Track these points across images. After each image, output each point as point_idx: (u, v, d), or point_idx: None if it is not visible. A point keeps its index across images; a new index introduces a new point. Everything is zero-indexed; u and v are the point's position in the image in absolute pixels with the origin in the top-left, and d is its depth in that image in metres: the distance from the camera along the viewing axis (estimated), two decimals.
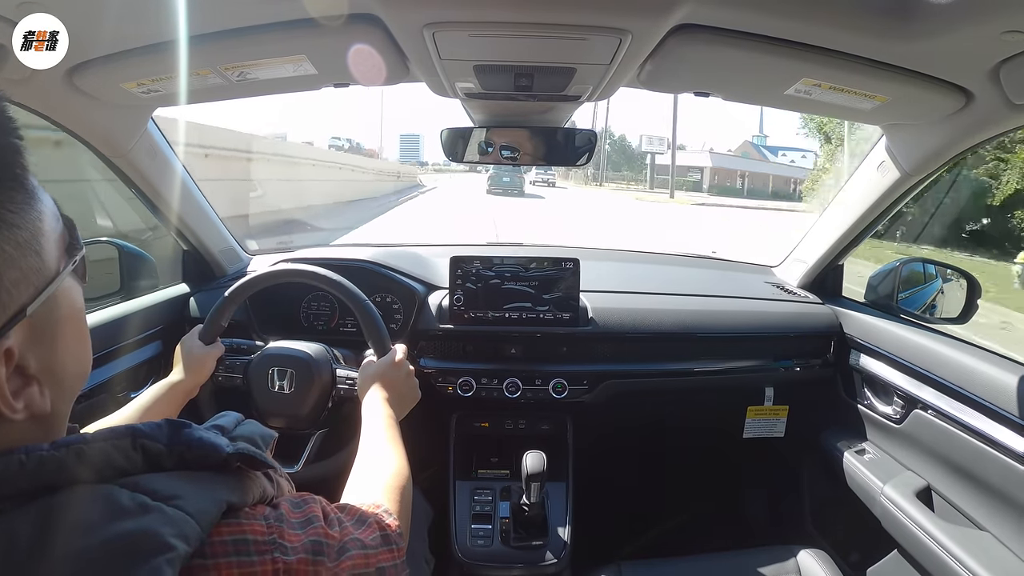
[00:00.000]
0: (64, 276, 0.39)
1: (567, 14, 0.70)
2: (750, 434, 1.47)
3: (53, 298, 0.37)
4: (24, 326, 0.35)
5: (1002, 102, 0.82)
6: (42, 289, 0.36)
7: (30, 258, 0.35)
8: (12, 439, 0.35)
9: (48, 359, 0.37)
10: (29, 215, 0.36)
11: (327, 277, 1.03)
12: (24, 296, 0.35)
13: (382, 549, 0.50)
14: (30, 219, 0.36)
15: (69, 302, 0.40)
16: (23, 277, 0.35)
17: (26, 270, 0.35)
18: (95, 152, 1.10)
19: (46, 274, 0.37)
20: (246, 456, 0.42)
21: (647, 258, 2.00)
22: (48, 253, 0.37)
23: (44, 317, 0.37)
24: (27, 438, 0.36)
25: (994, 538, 0.98)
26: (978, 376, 1.02)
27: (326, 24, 0.76)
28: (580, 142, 1.20)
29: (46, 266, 0.37)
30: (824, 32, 0.74)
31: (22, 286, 0.35)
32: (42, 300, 0.36)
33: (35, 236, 0.36)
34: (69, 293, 0.40)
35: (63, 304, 0.39)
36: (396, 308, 1.37)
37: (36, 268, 0.36)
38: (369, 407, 0.86)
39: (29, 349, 0.36)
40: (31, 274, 0.36)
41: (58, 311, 0.38)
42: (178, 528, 0.34)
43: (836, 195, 1.39)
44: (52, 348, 0.38)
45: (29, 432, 0.37)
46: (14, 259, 0.34)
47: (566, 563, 1.16)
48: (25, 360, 0.35)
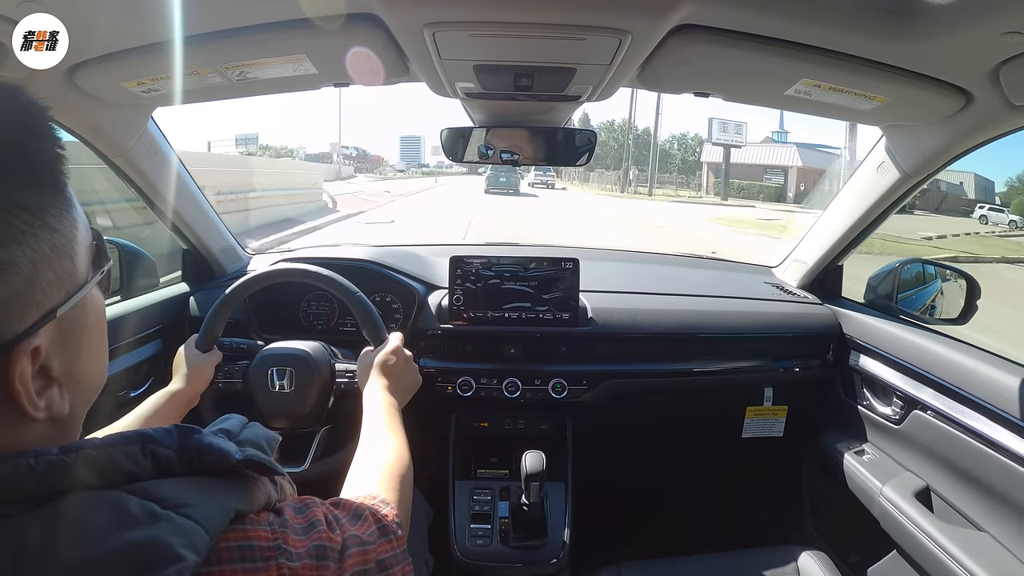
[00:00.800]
0: (93, 283, 0.40)
1: (567, 14, 0.70)
2: (749, 434, 1.47)
3: (81, 304, 0.39)
4: (52, 328, 0.36)
5: (1002, 103, 0.83)
6: (73, 293, 0.38)
7: (65, 262, 0.37)
8: (29, 440, 0.36)
9: (71, 363, 0.38)
10: (67, 221, 0.37)
11: (317, 273, 1.03)
12: (56, 298, 0.36)
13: (380, 542, 0.50)
14: (67, 225, 0.37)
15: (95, 310, 0.41)
16: (57, 280, 0.36)
17: (60, 273, 0.37)
18: (95, 151, 1.10)
19: (77, 279, 0.38)
20: (254, 463, 0.43)
21: (647, 258, 2.00)
22: (80, 260, 0.39)
23: (71, 321, 0.38)
24: (43, 441, 0.36)
25: (993, 539, 0.98)
26: (977, 377, 1.02)
27: (326, 24, 0.76)
28: (580, 142, 1.20)
29: (78, 272, 0.38)
30: (824, 33, 0.74)
31: (55, 288, 0.36)
32: (72, 304, 0.37)
33: (71, 242, 0.37)
34: (95, 301, 0.41)
35: (89, 311, 0.40)
36: (396, 308, 1.37)
37: (69, 273, 0.37)
38: (369, 397, 0.86)
39: (55, 351, 0.37)
40: (64, 278, 0.37)
41: (84, 317, 0.40)
42: (188, 538, 0.34)
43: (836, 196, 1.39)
44: (75, 353, 0.39)
45: (46, 435, 0.37)
46: (51, 261, 0.36)
47: (565, 563, 1.16)
48: (50, 361, 0.36)
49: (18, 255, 0.33)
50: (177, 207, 1.29)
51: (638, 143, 36.88)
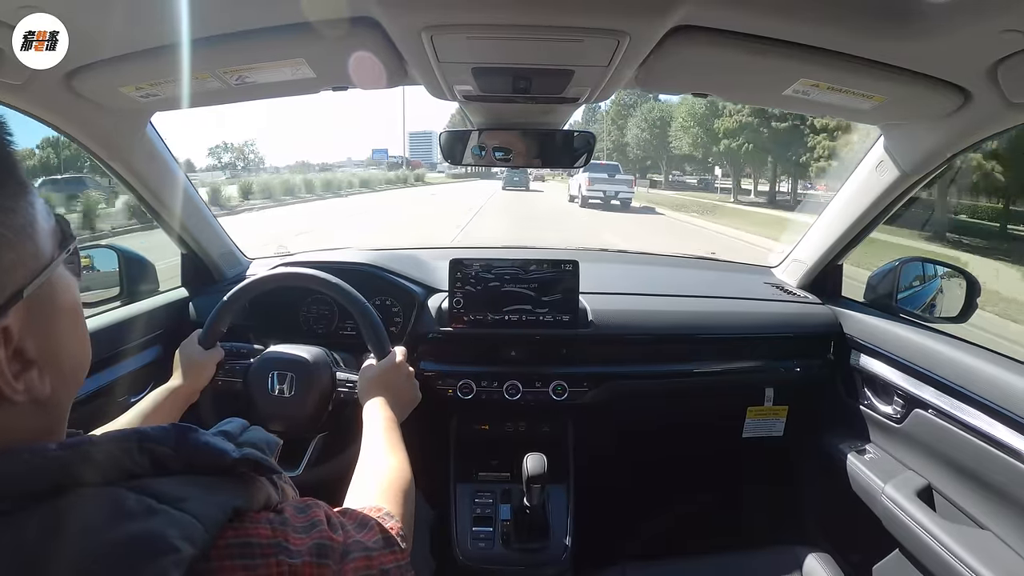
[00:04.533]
0: (59, 263, 0.40)
1: (565, 16, 0.70)
2: (749, 434, 1.47)
3: (49, 285, 0.39)
4: (22, 310, 0.36)
5: (1000, 101, 0.83)
6: (38, 273, 0.37)
7: (26, 243, 0.37)
8: (15, 425, 0.36)
9: (46, 345, 0.38)
10: (22, 203, 0.37)
11: (325, 280, 1.03)
12: (20, 279, 0.36)
13: (385, 551, 0.50)
14: (23, 206, 0.37)
15: (65, 294, 0.41)
16: (19, 260, 0.36)
17: (22, 254, 0.36)
18: (94, 156, 1.10)
19: (41, 260, 0.38)
20: (252, 461, 0.43)
21: (646, 259, 2.00)
22: (43, 241, 0.38)
23: (41, 303, 0.38)
24: (29, 425, 0.37)
25: (995, 537, 0.98)
26: (978, 375, 1.02)
27: (324, 28, 0.76)
28: (578, 144, 1.21)
29: (41, 252, 0.38)
30: (822, 32, 0.74)
31: (19, 269, 0.36)
32: (38, 284, 0.37)
33: (30, 223, 0.37)
34: (66, 285, 0.41)
35: (59, 294, 0.40)
36: (396, 311, 1.37)
37: (32, 253, 0.37)
38: (370, 410, 0.86)
39: (27, 333, 0.36)
40: (27, 259, 0.37)
41: (55, 300, 0.39)
42: (184, 530, 0.35)
43: (835, 195, 1.39)
44: (49, 335, 0.39)
45: (32, 418, 0.37)
46: (11, 242, 0.35)
47: (567, 565, 1.16)
48: (24, 343, 0.36)
49: None
50: (176, 211, 1.29)
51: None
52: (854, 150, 7.81)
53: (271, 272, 1.07)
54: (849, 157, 13.33)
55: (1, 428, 0.35)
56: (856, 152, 1.24)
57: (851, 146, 15.93)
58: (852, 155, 1.22)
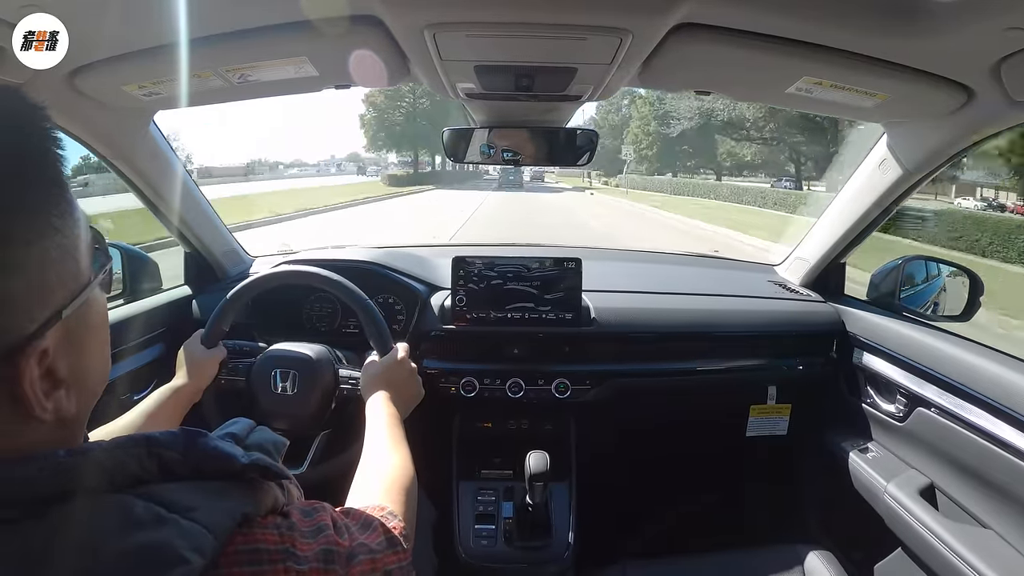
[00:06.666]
0: (96, 283, 0.40)
1: (568, 14, 0.70)
2: (752, 432, 1.47)
3: (85, 304, 0.39)
4: (58, 330, 0.36)
5: (1003, 99, 0.82)
6: (77, 294, 0.38)
7: (69, 263, 0.37)
8: (36, 441, 0.36)
9: (76, 364, 0.38)
10: (69, 222, 0.37)
11: (327, 278, 1.03)
12: (61, 299, 0.36)
13: (388, 552, 0.50)
14: (70, 226, 0.37)
15: (97, 310, 0.41)
16: (61, 281, 0.36)
17: (64, 275, 0.36)
18: (97, 155, 1.10)
19: (81, 280, 0.38)
20: (260, 467, 0.43)
21: (649, 257, 2.00)
22: (83, 261, 0.39)
23: (76, 322, 0.38)
24: (50, 441, 0.37)
25: (998, 536, 0.98)
26: (981, 373, 1.01)
27: (327, 26, 0.76)
28: (581, 142, 1.20)
29: (81, 272, 0.38)
30: (825, 30, 0.74)
31: (61, 289, 0.36)
32: (77, 305, 0.37)
33: (75, 243, 0.37)
34: (97, 301, 0.41)
35: (92, 311, 0.40)
36: (398, 309, 1.37)
37: (73, 274, 0.37)
38: (373, 407, 0.86)
39: (61, 353, 0.36)
40: (69, 279, 0.37)
41: (88, 318, 0.40)
42: (193, 541, 0.35)
43: (838, 193, 1.38)
44: (80, 353, 0.39)
45: (53, 435, 0.37)
46: (56, 263, 0.36)
47: (570, 563, 1.16)
48: (56, 363, 0.36)
49: (25, 257, 0.33)
50: (179, 210, 1.29)
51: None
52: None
53: (274, 270, 1.07)
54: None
55: (24, 443, 0.35)
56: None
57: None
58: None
